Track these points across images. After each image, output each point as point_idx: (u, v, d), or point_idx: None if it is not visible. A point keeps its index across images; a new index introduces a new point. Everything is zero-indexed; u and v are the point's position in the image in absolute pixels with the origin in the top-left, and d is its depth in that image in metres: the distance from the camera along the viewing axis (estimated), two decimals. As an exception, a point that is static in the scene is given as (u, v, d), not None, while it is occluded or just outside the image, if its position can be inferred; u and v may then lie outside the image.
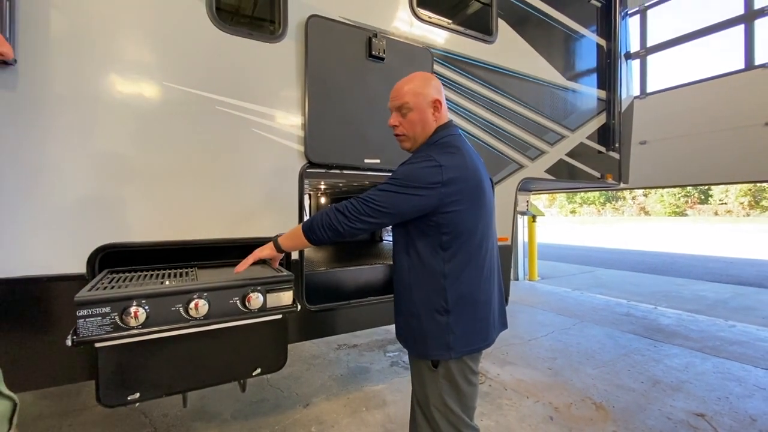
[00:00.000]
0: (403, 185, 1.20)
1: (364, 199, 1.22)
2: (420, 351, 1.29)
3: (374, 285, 2.65)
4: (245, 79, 1.93)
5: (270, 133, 1.99)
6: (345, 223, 1.22)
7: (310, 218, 1.29)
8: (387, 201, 1.20)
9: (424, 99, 1.33)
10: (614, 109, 3.62)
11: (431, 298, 1.25)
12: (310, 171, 2.14)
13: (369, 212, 1.21)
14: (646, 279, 7.81)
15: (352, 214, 1.21)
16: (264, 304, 1.43)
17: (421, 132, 1.36)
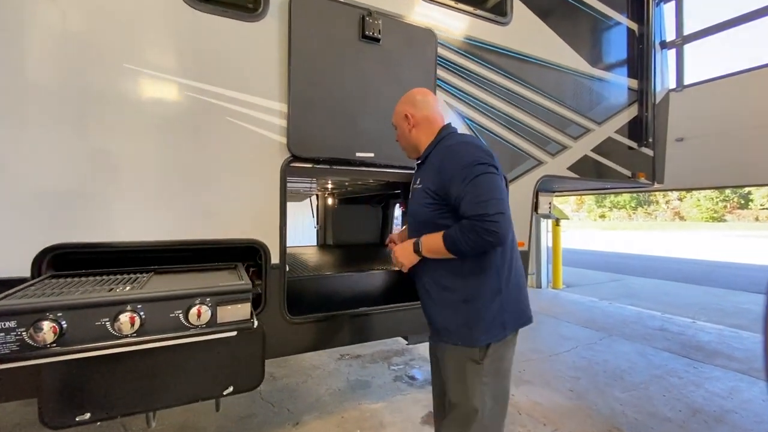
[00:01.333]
0: (490, 164, 1.26)
1: (483, 199, 1.19)
2: (470, 337, 1.31)
3: (370, 293, 2.40)
4: (219, 63, 1.73)
5: (247, 122, 1.78)
6: (493, 233, 1.17)
7: (450, 234, 1.25)
8: (495, 185, 1.23)
9: (398, 115, 1.56)
10: (647, 100, 3.24)
11: (487, 281, 1.31)
12: (294, 166, 1.91)
13: (502, 208, 1.20)
14: (682, 289, 7.21)
15: (493, 220, 1.17)
16: (213, 319, 1.20)
17: (406, 143, 1.57)
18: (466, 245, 1.21)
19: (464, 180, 1.23)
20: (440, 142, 1.43)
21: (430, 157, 1.43)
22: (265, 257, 1.82)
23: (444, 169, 1.29)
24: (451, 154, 1.31)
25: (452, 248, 1.24)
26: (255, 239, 1.79)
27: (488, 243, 1.19)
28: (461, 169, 1.25)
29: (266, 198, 1.83)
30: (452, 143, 1.36)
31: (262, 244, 1.81)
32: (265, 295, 1.83)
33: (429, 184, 1.36)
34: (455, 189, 1.25)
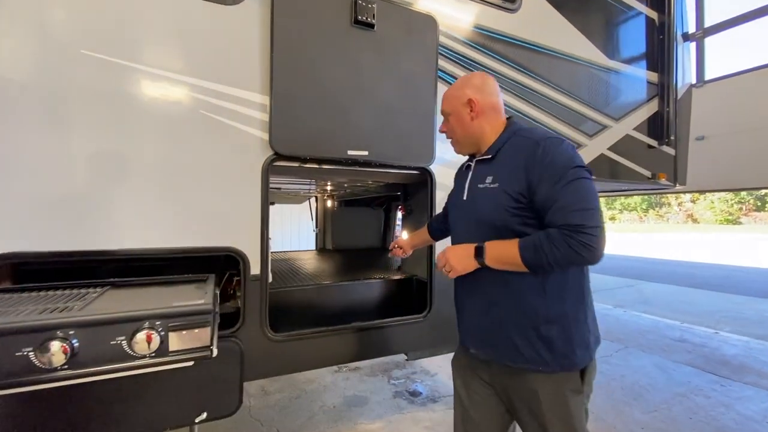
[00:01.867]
0: (586, 168, 1.09)
1: (581, 207, 1.02)
2: (566, 362, 1.12)
3: (365, 305, 2.20)
4: (192, 50, 1.54)
5: (224, 116, 1.58)
6: (590, 248, 1.00)
7: (533, 244, 1.06)
8: (593, 193, 1.06)
9: (456, 101, 1.31)
10: (669, 94, 2.99)
11: (571, 297, 1.15)
12: (277, 165, 1.72)
13: (600, 220, 1.03)
14: (699, 296, 6.88)
15: (590, 233, 1.00)
16: (164, 347, 1.00)
17: (463, 135, 1.33)
18: (552, 258, 1.02)
19: (557, 183, 1.05)
20: (515, 135, 1.23)
21: (503, 153, 1.22)
22: (243, 267, 1.63)
23: (531, 168, 1.10)
24: (539, 150, 1.10)
25: (532, 260, 1.05)
26: (231, 247, 1.60)
27: (581, 259, 1.01)
28: (555, 169, 1.06)
29: (245, 201, 1.63)
30: (537, 138, 1.14)
31: (239, 252, 1.62)
32: (243, 310, 1.64)
33: (511, 183, 1.14)
34: (544, 192, 1.07)
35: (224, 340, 1.59)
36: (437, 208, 2.10)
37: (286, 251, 4.12)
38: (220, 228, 1.59)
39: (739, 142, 4.26)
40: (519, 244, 1.08)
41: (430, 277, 2.10)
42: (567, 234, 1.00)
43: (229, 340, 1.60)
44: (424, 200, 2.13)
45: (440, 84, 2.05)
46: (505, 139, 1.24)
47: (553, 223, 1.04)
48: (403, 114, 1.92)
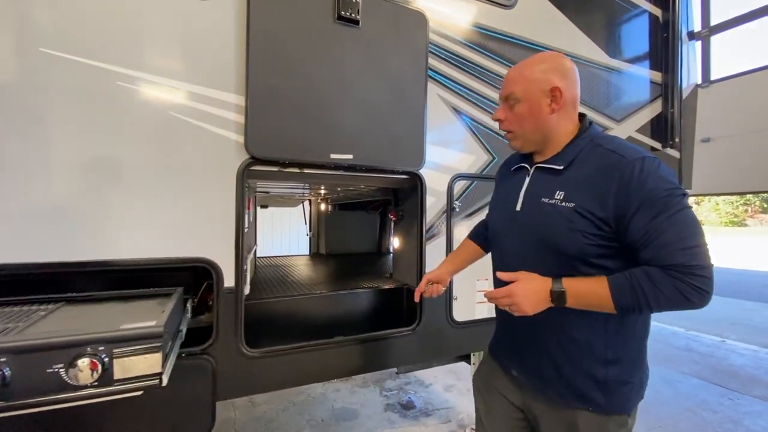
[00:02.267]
0: (687, 198, 0.93)
1: (692, 244, 0.88)
2: (620, 406, 1.01)
3: (350, 317, 2.08)
4: (162, 47, 1.44)
5: (195, 118, 1.48)
6: (702, 292, 0.86)
7: (629, 284, 0.90)
8: (700, 227, 0.91)
9: (537, 86, 1.04)
10: (673, 95, 2.87)
11: (634, 336, 1.02)
12: (254, 170, 1.61)
13: (711, 259, 0.89)
14: (706, 301, 6.70)
15: (704, 275, 0.86)
16: (108, 375, 0.90)
17: (532, 130, 1.09)
18: (654, 302, 0.88)
19: (659, 215, 0.88)
20: (594, 144, 1.02)
21: (579, 164, 1.02)
22: (216, 279, 1.52)
23: (625, 194, 0.91)
24: (636, 173, 0.91)
25: (627, 304, 0.90)
26: (202, 258, 1.50)
27: (689, 304, 0.86)
28: (657, 199, 0.89)
29: (218, 208, 1.53)
30: (631, 157, 0.94)
31: (211, 263, 1.51)
32: (216, 325, 1.53)
33: (591, 206, 0.95)
34: (641, 225, 0.90)
35: (194, 358, 1.49)
36: (428, 215, 1.99)
37: (277, 256, 4.02)
38: (191, 237, 1.48)
39: (746, 144, 4.12)
40: (610, 284, 0.91)
41: (420, 286, 1.98)
42: (675, 276, 0.86)
43: (199, 358, 1.49)
44: (415, 206, 2.02)
45: (430, 84, 1.95)
46: (582, 146, 1.03)
47: (654, 261, 0.89)
48: (390, 116, 1.82)
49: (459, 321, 2.05)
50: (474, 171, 2.11)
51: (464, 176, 2.08)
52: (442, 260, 2.02)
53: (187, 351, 1.48)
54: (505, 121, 1.14)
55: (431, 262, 2.00)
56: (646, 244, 0.90)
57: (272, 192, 3.40)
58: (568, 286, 0.95)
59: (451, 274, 1.53)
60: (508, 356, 1.24)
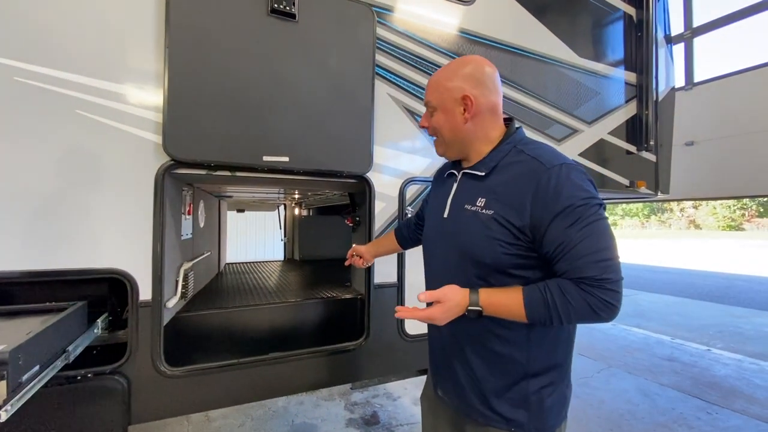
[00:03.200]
0: (604, 207, 0.90)
1: (605, 257, 0.83)
2: (542, 425, 0.95)
3: (299, 331, 1.96)
4: (66, 40, 1.33)
5: (106, 116, 1.37)
6: (610, 306, 0.83)
7: (541, 297, 0.86)
8: (615, 240, 0.86)
9: (450, 94, 1.01)
10: (648, 96, 2.76)
11: (559, 350, 0.98)
12: (177, 173, 1.50)
13: (621, 272, 0.85)
14: (697, 307, 6.59)
15: (613, 289, 0.82)
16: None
17: (450, 138, 1.06)
18: (565, 316, 0.84)
19: (573, 225, 0.84)
20: (517, 150, 0.98)
21: (500, 170, 0.97)
22: (131, 292, 1.40)
23: (540, 201, 0.87)
24: (552, 180, 0.87)
25: (539, 317, 0.87)
26: (114, 269, 1.37)
27: (598, 318, 0.84)
28: (570, 208, 0.85)
29: (133, 215, 1.41)
30: (548, 162, 0.90)
31: (125, 274, 1.39)
32: (131, 342, 1.41)
33: (509, 214, 0.91)
34: (555, 234, 0.85)
35: (102, 379, 1.36)
36: (377, 222, 1.88)
37: (249, 262, 3.90)
38: (101, 247, 1.36)
39: (731, 147, 4.03)
40: (524, 298, 0.87)
41: (368, 296, 1.87)
42: (585, 289, 0.82)
43: (109, 378, 1.37)
44: (366, 212, 1.90)
45: (378, 81, 1.84)
46: (505, 152, 0.99)
47: (567, 273, 0.85)
48: (333, 115, 1.70)
49: (412, 334, 1.93)
50: (429, 175, 1.99)
51: (418, 180, 1.96)
52: (391, 269, 1.92)
53: (93, 371, 1.36)
54: (428, 128, 1.11)
55: (381, 270, 1.88)
56: (560, 256, 0.86)
57: (235, 197, 3.28)
58: (484, 301, 0.91)
59: (375, 256, 1.61)
60: (433, 373, 1.19)
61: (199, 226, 2.29)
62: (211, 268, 2.88)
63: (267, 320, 1.89)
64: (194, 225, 2.13)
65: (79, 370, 1.34)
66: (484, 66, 1.01)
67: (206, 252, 2.47)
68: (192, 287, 2.02)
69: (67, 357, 1.11)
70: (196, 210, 2.20)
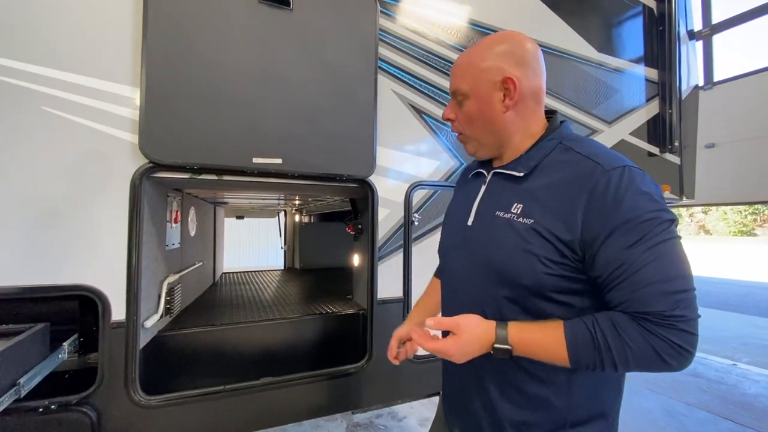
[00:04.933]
0: (676, 224, 0.69)
1: (678, 288, 0.64)
2: None
3: (295, 351, 1.78)
4: (32, 31, 1.18)
5: (74, 113, 1.22)
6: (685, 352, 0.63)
7: (589, 335, 0.67)
8: (690, 267, 0.67)
9: (486, 77, 0.80)
10: (671, 94, 2.58)
11: (609, 390, 0.78)
12: (157, 177, 1.34)
13: (696, 305, 0.65)
14: (715, 317, 6.31)
15: (689, 331, 0.63)
16: None
17: (485, 132, 0.85)
18: (621, 362, 0.65)
19: (638, 243, 0.65)
20: (563, 146, 0.79)
21: (543, 170, 0.78)
22: (102, 311, 1.24)
23: (595, 210, 0.68)
24: (610, 184, 0.68)
25: (587, 361, 0.68)
26: (82, 285, 1.21)
27: (666, 366, 0.64)
28: (635, 221, 0.66)
29: (105, 224, 1.25)
30: (605, 163, 0.71)
31: (95, 291, 1.22)
32: (101, 368, 1.24)
33: (554, 224, 0.72)
34: (612, 252, 0.67)
35: (67, 410, 1.20)
36: (381, 230, 1.70)
37: (247, 271, 3.74)
38: (67, 261, 1.20)
39: (754, 150, 3.82)
40: (566, 336, 0.68)
41: (371, 312, 1.69)
42: (650, 328, 0.63)
43: (74, 410, 1.20)
44: (368, 219, 1.73)
45: (382, 77, 1.68)
46: (548, 148, 0.80)
47: (625, 305, 0.66)
48: (330, 114, 1.54)
49: (420, 356, 1.74)
50: (438, 178, 1.82)
51: (425, 185, 1.79)
52: (396, 282, 1.74)
53: (57, 401, 1.19)
54: (455, 121, 0.89)
55: (385, 283, 1.71)
56: (617, 282, 0.67)
57: (232, 203, 3.13)
58: (515, 338, 0.72)
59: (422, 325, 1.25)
60: (449, 411, 0.98)
61: (189, 234, 2.13)
62: (204, 279, 2.72)
63: (259, 339, 1.71)
64: (183, 233, 1.97)
65: (42, 400, 1.18)
66: (526, 42, 0.81)
67: (197, 262, 2.31)
68: (179, 302, 1.86)
69: (18, 391, 0.95)
70: (185, 217, 2.04)
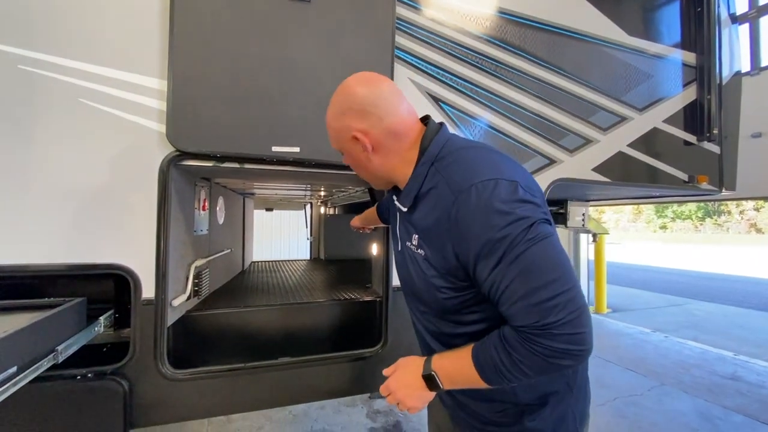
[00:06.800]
0: (535, 212, 0.69)
1: (543, 298, 0.65)
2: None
3: (312, 334, 1.84)
4: (67, 26, 1.28)
5: (109, 105, 1.31)
6: (570, 353, 0.66)
7: (489, 357, 0.71)
8: (556, 259, 0.68)
9: (343, 136, 0.85)
10: (710, 79, 2.43)
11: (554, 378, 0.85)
12: (183, 165, 1.42)
13: (575, 301, 0.66)
14: (760, 320, 5.91)
15: (563, 332, 0.65)
16: None
17: (369, 176, 0.91)
18: (520, 373, 0.69)
19: (500, 261, 0.67)
20: (433, 169, 0.79)
21: (421, 200, 0.81)
22: (134, 289, 1.33)
23: (456, 240, 0.71)
24: (459, 214, 0.70)
25: (497, 380, 0.71)
26: (115, 264, 1.31)
27: (561, 367, 0.68)
28: (489, 241, 0.67)
29: (136, 208, 1.34)
30: (456, 188, 0.72)
31: (128, 270, 1.32)
32: (133, 342, 1.34)
33: (436, 257, 0.77)
34: (482, 276, 0.70)
35: (102, 379, 1.30)
36: (397, 218, 1.73)
37: (275, 261, 3.86)
38: (102, 242, 1.30)
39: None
40: (473, 359, 0.73)
41: (386, 299, 1.72)
42: (529, 338, 0.66)
43: (108, 379, 1.30)
44: (385, 208, 1.76)
45: (398, 65, 1.69)
46: (422, 175, 0.80)
47: (512, 321, 0.69)
48: (348, 102, 1.57)
49: (435, 342, 1.76)
50: (455, 167, 1.81)
51: (442, 173, 1.79)
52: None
53: (94, 371, 1.30)
54: (347, 163, 0.94)
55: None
56: (495, 300, 0.71)
57: (259, 194, 3.24)
58: (438, 366, 0.78)
59: (365, 225, 1.64)
60: None
61: (217, 222, 2.24)
62: (233, 265, 2.84)
63: (279, 322, 1.78)
64: (211, 221, 2.07)
65: (81, 369, 1.30)
66: (356, 88, 0.81)
67: (226, 249, 2.42)
68: (207, 285, 1.96)
69: (55, 357, 1.04)
70: (213, 206, 2.14)
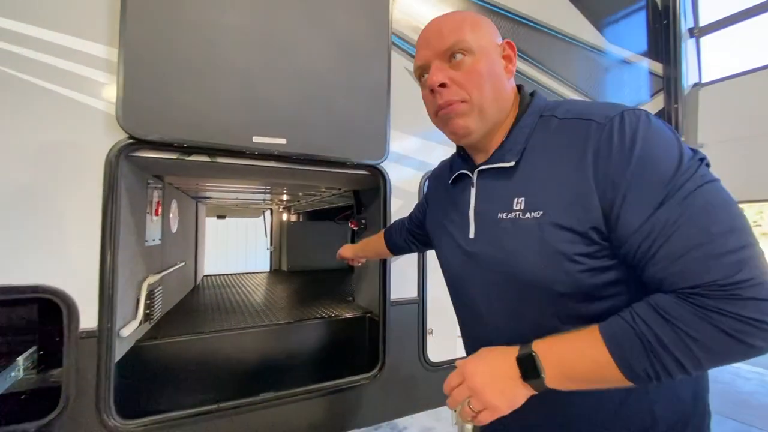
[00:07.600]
0: (707, 162, 0.53)
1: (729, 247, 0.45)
2: None
3: (294, 360, 1.58)
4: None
5: (35, 75, 0.99)
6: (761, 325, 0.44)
7: (627, 333, 0.49)
8: (735, 206, 0.49)
9: (491, 37, 0.66)
10: (677, 89, 2.53)
11: (696, 386, 0.62)
12: (137, 156, 1.12)
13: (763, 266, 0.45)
14: None
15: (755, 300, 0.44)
16: None
17: (493, 98, 0.65)
18: (685, 356, 0.47)
19: (666, 200, 0.50)
20: (544, 118, 0.65)
21: (532, 152, 0.64)
22: (67, 318, 1.01)
23: (604, 172, 0.54)
24: (613, 138, 0.54)
25: (646, 366, 0.49)
26: (42, 285, 0.98)
27: (750, 349, 0.46)
28: (653, 174, 0.51)
29: (73, 212, 1.03)
30: (600, 116, 0.57)
31: (59, 293, 1.00)
32: (66, 387, 1.01)
33: (570, 209, 0.57)
34: (636, 218, 0.51)
35: (20, 444, 0.96)
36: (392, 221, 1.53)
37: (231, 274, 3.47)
38: (23, 257, 0.97)
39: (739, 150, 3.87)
40: (606, 341, 0.51)
41: (383, 316, 1.51)
42: (709, 305, 0.46)
43: (29, 443, 0.96)
44: (378, 211, 1.56)
45: (395, 53, 1.51)
46: (530, 125, 0.66)
47: (665, 283, 0.50)
48: (340, 90, 1.36)
49: (435, 362, 1.58)
50: (453, 168, 1.67)
51: (440, 174, 1.63)
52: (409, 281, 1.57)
53: (9, 431, 0.96)
54: (451, 85, 0.65)
55: (397, 283, 1.54)
56: (649, 256, 0.51)
57: (215, 198, 2.88)
58: (542, 349, 0.55)
59: (359, 257, 1.42)
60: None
61: (170, 230, 1.89)
62: (186, 281, 2.46)
63: (254, 348, 1.50)
64: (164, 228, 1.73)
65: (-11, 430, 0.95)
66: None
67: (180, 262, 2.06)
68: (160, 306, 1.62)
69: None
70: (166, 210, 1.80)
